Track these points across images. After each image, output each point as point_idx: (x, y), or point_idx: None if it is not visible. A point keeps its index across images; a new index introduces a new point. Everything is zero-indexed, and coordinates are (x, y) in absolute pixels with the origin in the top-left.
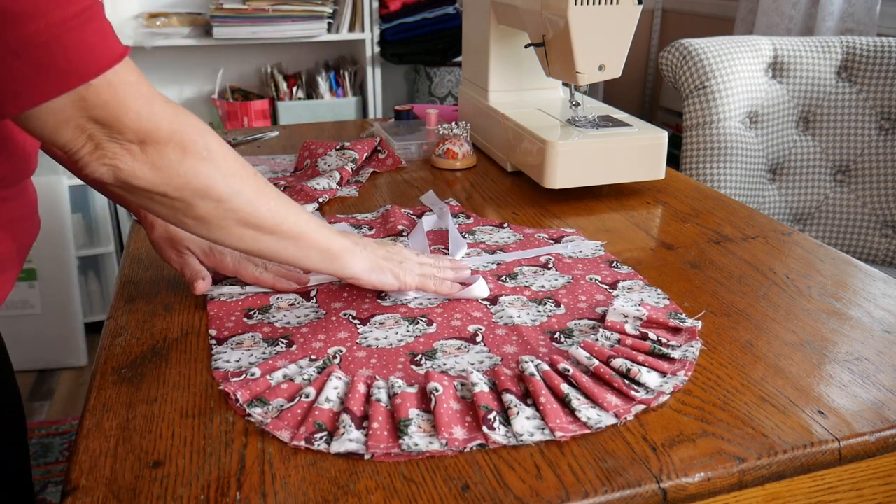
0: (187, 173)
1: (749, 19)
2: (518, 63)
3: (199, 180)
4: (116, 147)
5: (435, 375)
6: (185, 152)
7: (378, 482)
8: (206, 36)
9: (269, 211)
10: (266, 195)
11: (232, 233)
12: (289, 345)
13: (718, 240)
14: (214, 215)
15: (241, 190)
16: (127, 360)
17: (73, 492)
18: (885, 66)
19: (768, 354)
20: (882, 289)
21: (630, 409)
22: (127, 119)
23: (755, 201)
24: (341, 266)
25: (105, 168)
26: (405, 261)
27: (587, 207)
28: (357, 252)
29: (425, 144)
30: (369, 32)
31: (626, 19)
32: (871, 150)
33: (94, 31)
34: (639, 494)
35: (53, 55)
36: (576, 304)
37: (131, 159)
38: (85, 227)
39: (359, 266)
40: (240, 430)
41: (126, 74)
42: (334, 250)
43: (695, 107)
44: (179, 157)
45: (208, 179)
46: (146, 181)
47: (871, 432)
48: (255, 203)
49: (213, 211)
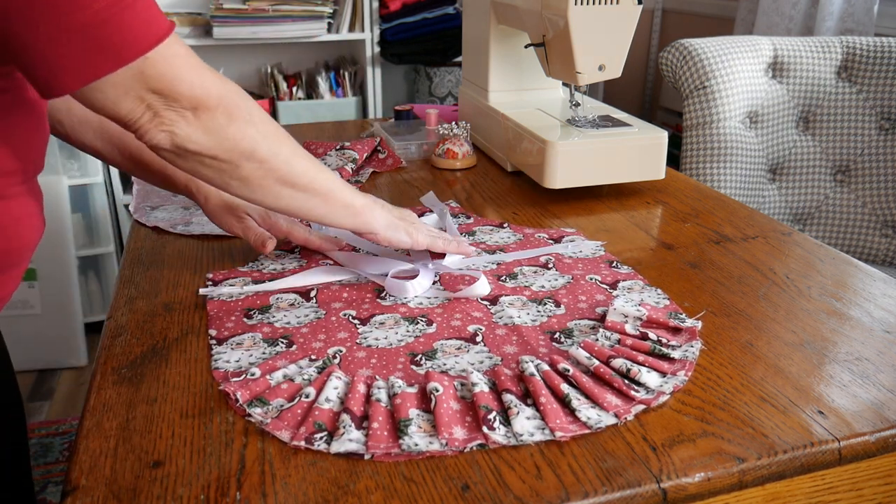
0: (235, 136)
1: (749, 19)
2: (518, 63)
3: (245, 142)
4: (173, 114)
5: (435, 375)
6: (231, 117)
7: (378, 482)
8: (206, 36)
9: (303, 170)
10: (299, 155)
11: (271, 191)
12: (289, 345)
13: (718, 240)
14: (257, 175)
15: (279, 151)
16: (127, 360)
17: (73, 492)
18: (885, 66)
19: (768, 354)
20: (882, 289)
21: (630, 409)
22: (182, 87)
23: (755, 201)
24: (364, 221)
25: (163, 134)
26: (416, 222)
27: (587, 207)
28: (377, 209)
29: (425, 144)
30: (369, 32)
31: (626, 19)
32: (871, 150)
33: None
34: (639, 494)
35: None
36: (576, 304)
37: (186, 125)
38: (85, 227)
39: (379, 222)
40: (240, 430)
41: (177, 47)
42: (357, 206)
43: (695, 107)
44: (227, 121)
45: (253, 142)
46: (199, 144)
47: (871, 432)
48: (292, 163)
49: (256, 171)
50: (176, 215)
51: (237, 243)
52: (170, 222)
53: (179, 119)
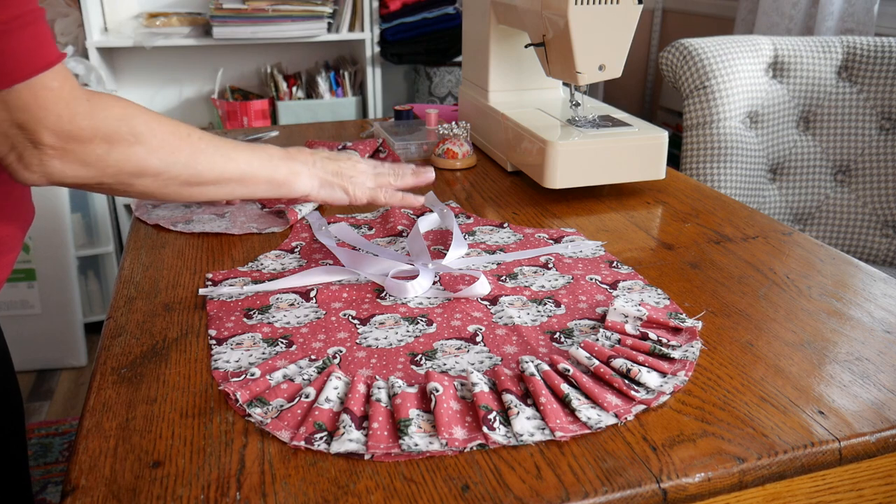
0: (118, 162)
1: (749, 19)
2: (518, 63)
3: (131, 164)
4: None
5: (435, 375)
6: (111, 143)
7: (378, 482)
8: (205, 36)
9: (207, 167)
10: (202, 152)
11: (179, 193)
12: (289, 345)
13: (718, 240)
14: (155, 186)
15: (174, 160)
16: (127, 360)
17: (72, 492)
18: (885, 66)
19: (768, 354)
20: (882, 289)
21: (630, 409)
22: (48, 122)
23: (755, 201)
24: (289, 190)
25: (35, 175)
26: (357, 174)
27: (587, 207)
28: (304, 172)
29: (425, 144)
30: (369, 32)
31: (626, 19)
32: (871, 150)
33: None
34: (639, 494)
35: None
36: (576, 304)
37: (59, 162)
38: (85, 227)
39: (307, 185)
40: (240, 430)
41: (50, 80)
42: (279, 178)
43: (695, 107)
44: (107, 149)
45: (140, 161)
46: (79, 177)
47: (872, 432)
48: (192, 164)
49: (153, 183)
50: (177, 213)
51: (237, 243)
52: (171, 220)
53: (50, 158)
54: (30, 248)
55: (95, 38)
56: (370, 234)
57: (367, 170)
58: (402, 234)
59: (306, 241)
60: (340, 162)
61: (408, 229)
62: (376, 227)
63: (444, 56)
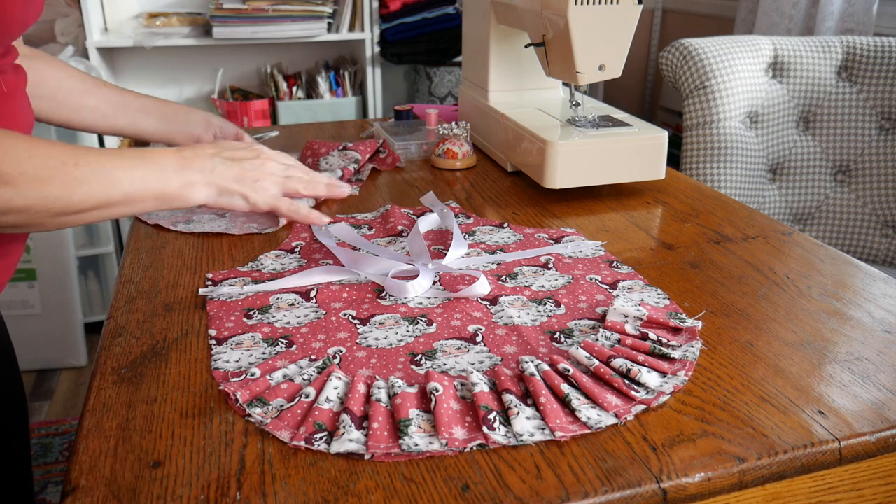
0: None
1: (749, 19)
2: (518, 63)
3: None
4: None
5: (435, 375)
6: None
7: (378, 482)
8: (205, 36)
9: (83, 196)
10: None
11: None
12: (289, 345)
13: (718, 240)
14: (26, 220)
15: (44, 193)
16: (127, 360)
17: (72, 492)
18: (885, 66)
19: (768, 354)
20: (882, 289)
21: (630, 409)
22: None
23: (755, 201)
24: (183, 203)
25: None
26: (262, 178)
27: (587, 207)
28: (198, 181)
29: (425, 144)
30: (369, 32)
31: (626, 19)
32: (871, 150)
33: None
34: (639, 494)
35: None
36: (576, 304)
37: None
38: (85, 227)
39: (202, 195)
40: (240, 430)
41: None
42: (170, 192)
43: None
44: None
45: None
46: None
47: (872, 432)
48: (67, 195)
49: (23, 218)
50: (177, 213)
51: (237, 243)
52: (171, 220)
53: None
54: (30, 248)
55: (95, 38)
56: (370, 234)
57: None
58: (402, 234)
59: (306, 240)
60: (245, 163)
61: (408, 229)
62: (376, 227)
63: (444, 56)
